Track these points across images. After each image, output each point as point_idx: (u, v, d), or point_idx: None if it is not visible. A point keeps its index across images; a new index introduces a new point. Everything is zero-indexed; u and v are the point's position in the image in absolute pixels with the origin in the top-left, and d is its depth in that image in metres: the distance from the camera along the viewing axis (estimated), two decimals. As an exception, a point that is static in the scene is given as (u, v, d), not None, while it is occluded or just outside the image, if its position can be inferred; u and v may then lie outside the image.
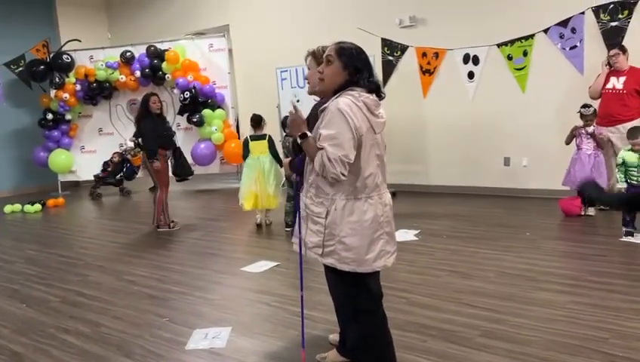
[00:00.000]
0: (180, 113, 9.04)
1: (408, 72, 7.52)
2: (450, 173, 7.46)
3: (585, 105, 5.54)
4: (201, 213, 7.44)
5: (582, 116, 5.55)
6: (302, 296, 2.49)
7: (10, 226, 7.30)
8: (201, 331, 3.26)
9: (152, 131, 5.91)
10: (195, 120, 8.81)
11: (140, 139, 6.20)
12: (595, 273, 3.85)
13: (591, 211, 5.63)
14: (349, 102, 2.13)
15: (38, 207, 8.20)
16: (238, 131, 9.40)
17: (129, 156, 8.95)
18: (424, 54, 7.38)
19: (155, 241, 5.78)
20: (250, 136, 6.04)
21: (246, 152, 6.01)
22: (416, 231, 5.30)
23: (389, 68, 7.67)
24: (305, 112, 2.34)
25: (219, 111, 8.91)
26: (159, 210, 6.19)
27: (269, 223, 6.15)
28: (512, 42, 6.70)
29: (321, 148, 2.11)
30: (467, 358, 2.71)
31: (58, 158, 9.61)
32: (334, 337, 2.87)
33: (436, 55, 7.28)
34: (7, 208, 8.19)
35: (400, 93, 7.55)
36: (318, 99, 2.58)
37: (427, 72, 7.41)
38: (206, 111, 8.80)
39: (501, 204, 6.53)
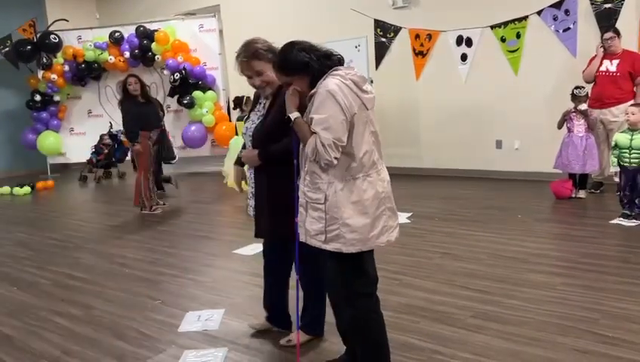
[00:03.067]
0: (170, 95, 8.94)
1: (401, 53, 7.46)
2: (442, 155, 7.45)
3: (578, 87, 5.53)
4: (193, 195, 7.40)
5: (574, 97, 5.53)
6: (297, 280, 2.49)
7: (-1, 209, 7.24)
8: (193, 313, 3.26)
9: (132, 113, 5.88)
10: (185, 102, 8.72)
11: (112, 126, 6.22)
12: (586, 255, 3.88)
13: (582, 194, 5.66)
14: (338, 82, 2.10)
15: (27, 189, 8.13)
16: (229, 113, 9.32)
17: (122, 137, 8.79)
18: (417, 36, 7.32)
19: (146, 224, 5.75)
20: (237, 117, 6.18)
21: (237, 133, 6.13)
22: (409, 214, 5.30)
23: (381, 49, 7.60)
24: None
25: (209, 93, 8.82)
26: (137, 192, 6.15)
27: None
28: (505, 24, 6.65)
29: (314, 133, 2.09)
30: (460, 339, 2.72)
31: (47, 140, 9.50)
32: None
33: (429, 37, 7.22)
34: (-4, 190, 8.12)
35: (392, 76, 7.51)
36: None
37: (420, 53, 7.35)
38: (196, 93, 8.70)
39: (493, 186, 6.54)
